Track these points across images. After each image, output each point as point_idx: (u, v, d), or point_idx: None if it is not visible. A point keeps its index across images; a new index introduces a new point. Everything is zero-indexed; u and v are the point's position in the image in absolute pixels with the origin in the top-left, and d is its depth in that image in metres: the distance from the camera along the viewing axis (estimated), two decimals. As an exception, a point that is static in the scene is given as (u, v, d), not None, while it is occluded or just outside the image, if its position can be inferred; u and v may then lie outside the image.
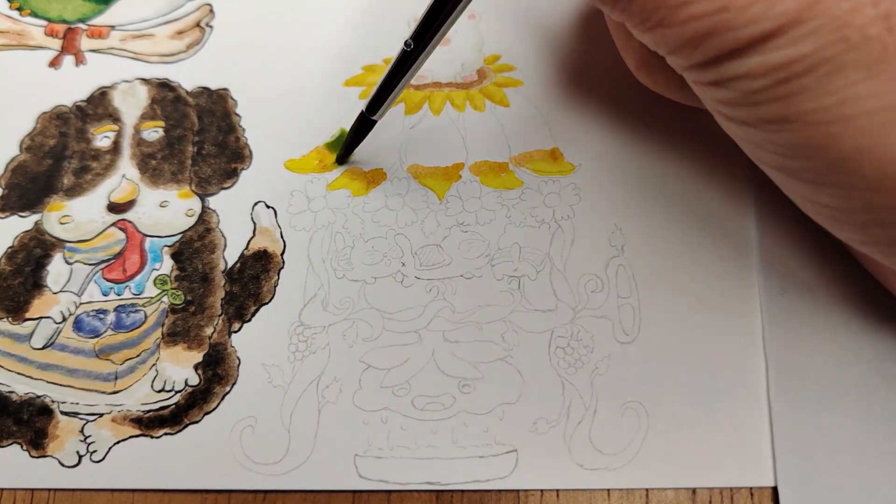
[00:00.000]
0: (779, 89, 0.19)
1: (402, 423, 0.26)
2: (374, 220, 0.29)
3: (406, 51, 0.25)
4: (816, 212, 0.22)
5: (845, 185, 0.19)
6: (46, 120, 0.32)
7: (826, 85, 0.18)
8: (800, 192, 0.22)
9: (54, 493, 0.26)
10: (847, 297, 0.26)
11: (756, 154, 0.22)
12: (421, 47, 0.25)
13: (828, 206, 0.21)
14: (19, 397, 0.27)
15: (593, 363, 0.26)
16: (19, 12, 0.34)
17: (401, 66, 0.26)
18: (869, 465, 0.24)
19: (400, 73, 0.26)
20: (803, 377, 0.25)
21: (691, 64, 0.20)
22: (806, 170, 0.20)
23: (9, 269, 0.29)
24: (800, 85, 0.18)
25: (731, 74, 0.20)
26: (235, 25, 0.33)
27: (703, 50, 0.20)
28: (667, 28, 0.20)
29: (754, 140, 0.21)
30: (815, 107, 0.18)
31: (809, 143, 0.19)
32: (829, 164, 0.19)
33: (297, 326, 0.27)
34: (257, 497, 0.25)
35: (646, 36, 0.21)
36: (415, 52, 0.25)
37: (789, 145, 0.20)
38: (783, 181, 0.22)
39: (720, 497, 0.25)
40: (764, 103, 0.19)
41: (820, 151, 0.19)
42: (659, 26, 0.20)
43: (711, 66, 0.20)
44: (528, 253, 0.28)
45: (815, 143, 0.19)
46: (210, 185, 0.30)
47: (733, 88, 0.20)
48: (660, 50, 0.21)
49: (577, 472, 0.25)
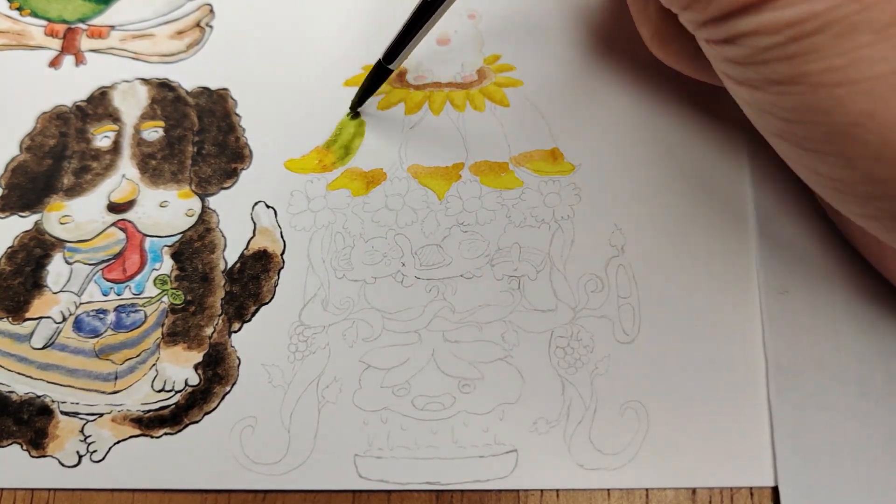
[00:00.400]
0: (789, 47, 0.19)
1: (402, 423, 0.26)
2: (374, 220, 0.29)
3: (426, 1, 0.25)
4: (818, 183, 0.22)
5: (847, 153, 0.19)
6: (46, 120, 0.32)
7: (836, 45, 0.18)
8: (802, 161, 0.21)
9: (54, 493, 0.26)
10: (847, 296, 0.26)
11: (762, 121, 0.22)
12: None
13: (829, 177, 0.21)
14: (19, 397, 0.27)
15: (593, 363, 0.26)
16: (19, 12, 0.34)
17: (420, 16, 0.25)
18: (869, 465, 0.24)
19: (419, 23, 0.25)
20: (803, 377, 0.25)
21: (704, 19, 0.20)
22: (809, 137, 0.20)
23: (9, 269, 0.29)
24: (810, 44, 0.18)
25: (743, 30, 0.19)
26: (235, 25, 0.33)
27: (717, 4, 0.20)
28: None
29: (760, 104, 0.21)
30: (822, 67, 0.18)
31: (814, 105, 0.19)
32: (832, 129, 0.19)
33: (297, 326, 0.27)
34: (257, 497, 0.25)
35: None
36: (434, 2, 0.25)
37: (794, 108, 0.20)
38: (787, 151, 0.22)
39: (720, 497, 0.25)
40: (773, 62, 0.19)
41: (824, 115, 0.19)
42: None
43: (724, 22, 0.20)
44: (528, 253, 0.28)
45: (820, 106, 0.19)
46: (210, 185, 0.30)
47: (744, 45, 0.20)
48: (673, 5, 0.21)
49: (577, 472, 0.25)
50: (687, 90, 0.30)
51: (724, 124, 0.29)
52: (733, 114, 0.29)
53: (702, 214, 0.28)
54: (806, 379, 0.25)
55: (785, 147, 0.22)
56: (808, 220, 0.27)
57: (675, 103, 0.30)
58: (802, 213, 0.27)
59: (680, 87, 0.30)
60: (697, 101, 0.30)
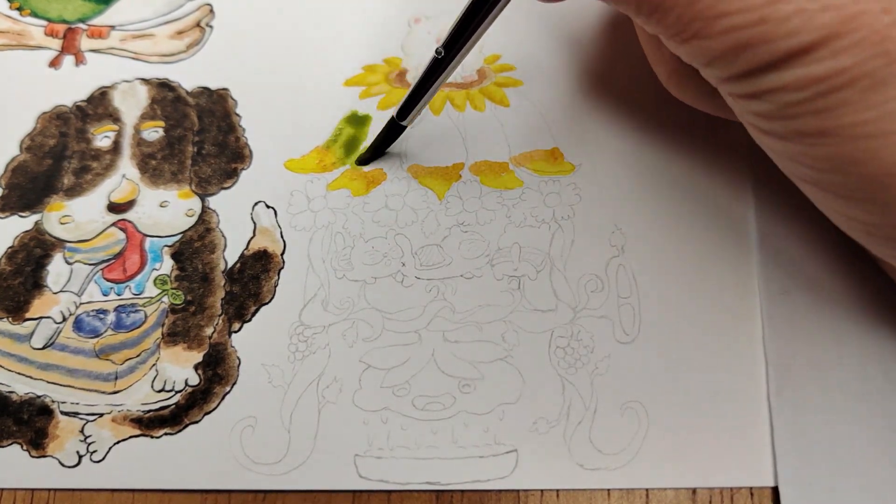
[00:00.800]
0: (817, 102, 0.19)
1: (402, 423, 0.26)
2: (374, 220, 0.29)
3: (437, 58, 0.25)
4: (850, 227, 0.22)
5: (881, 201, 0.19)
6: (46, 120, 0.32)
7: (866, 99, 0.18)
8: (834, 206, 0.21)
9: (54, 493, 0.26)
10: (847, 296, 0.26)
11: (790, 168, 0.22)
12: (452, 55, 0.25)
13: (862, 222, 0.21)
14: (19, 397, 0.27)
15: (593, 363, 0.26)
16: (19, 12, 0.34)
17: (431, 73, 0.26)
18: (869, 465, 0.24)
19: (430, 79, 0.26)
20: (803, 377, 0.25)
21: (728, 76, 0.20)
22: (841, 185, 0.20)
23: (9, 269, 0.29)
24: (839, 99, 0.18)
25: (769, 87, 0.19)
26: (235, 25, 0.33)
27: (741, 62, 0.19)
28: (703, 40, 0.20)
29: (789, 154, 0.21)
30: (853, 121, 0.18)
31: (847, 157, 0.19)
32: (865, 179, 0.19)
33: (297, 326, 0.27)
34: (257, 497, 0.25)
35: (681, 48, 0.21)
36: (445, 59, 0.25)
37: (826, 159, 0.19)
38: (817, 196, 0.22)
39: (720, 497, 0.25)
40: (801, 116, 0.19)
41: (857, 166, 0.19)
42: (695, 38, 0.20)
43: (748, 79, 0.20)
44: (528, 253, 0.28)
45: (853, 158, 0.19)
46: (210, 185, 0.30)
47: (770, 101, 0.20)
48: (695, 62, 0.21)
49: (577, 472, 0.25)
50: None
51: (724, 124, 0.29)
52: (733, 114, 0.29)
53: (702, 214, 0.28)
54: (806, 379, 0.25)
55: (815, 192, 0.22)
56: (807, 222, 0.27)
57: (676, 103, 0.30)
58: (802, 215, 0.27)
59: (680, 87, 0.30)
60: (697, 101, 0.30)
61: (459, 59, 0.25)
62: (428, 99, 0.27)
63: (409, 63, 0.32)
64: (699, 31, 0.20)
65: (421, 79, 0.26)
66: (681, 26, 0.20)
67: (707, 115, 0.30)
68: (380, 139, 0.29)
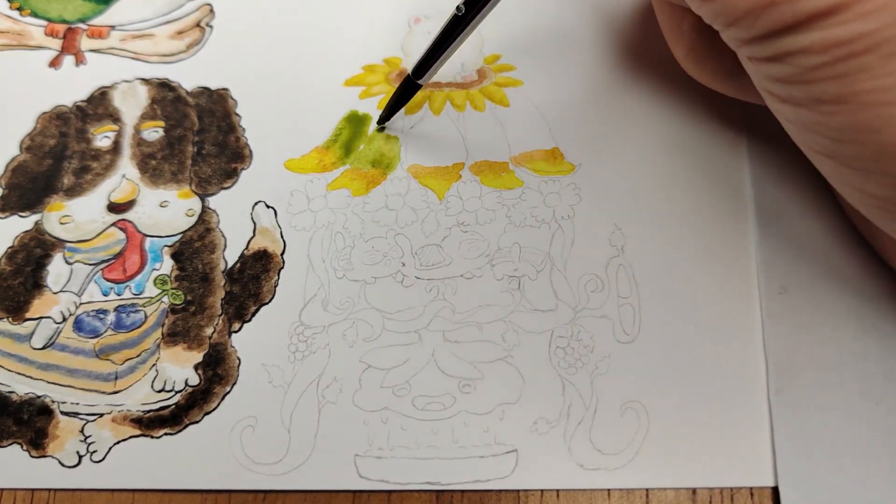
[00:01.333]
0: (837, 67, 0.18)
1: (402, 423, 0.26)
2: (374, 220, 0.29)
3: (457, 15, 0.25)
4: (863, 202, 0.21)
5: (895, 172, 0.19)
6: (46, 120, 0.32)
7: (886, 65, 0.18)
8: (848, 180, 0.21)
9: (54, 494, 0.26)
10: (847, 295, 0.26)
11: (805, 139, 0.21)
12: (473, 13, 0.24)
13: (875, 196, 0.20)
14: (19, 397, 0.27)
15: (593, 363, 0.26)
16: (19, 12, 0.34)
17: (451, 30, 0.25)
18: (870, 465, 0.24)
19: (449, 37, 0.25)
20: (803, 377, 0.25)
21: (750, 37, 0.20)
22: (856, 156, 0.20)
23: (9, 269, 0.29)
24: (859, 64, 0.18)
25: (790, 49, 0.19)
26: (235, 25, 0.33)
27: (764, 21, 0.19)
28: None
29: (806, 123, 0.21)
30: (872, 87, 0.18)
31: (863, 124, 0.19)
32: (880, 148, 0.19)
33: (297, 326, 0.27)
34: (257, 497, 0.25)
35: (705, 6, 0.21)
36: (465, 17, 0.24)
37: (842, 128, 0.19)
38: (831, 169, 0.22)
39: (720, 497, 0.25)
40: (820, 81, 0.19)
41: (872, 135, 0.19)
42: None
43: (770, 40, 0.19)
44: (528, 253, 0.28)
45: (870, 125, 0.19)
46: (210, 185, 0.30)
47: (791, 64, 0.19)
48: (717, 21, 0.21)
49: (578, 472, 0.25)
50: (687, 90, 0.30)
51: (724, 124, 0.29)
52: (734, 113, 0.29)
53: (702, 214, 0.28)
54: (806, 379, 0.25)
55: (829, 165, 0.21)
56: (808, 220, 0.27)
57: (676, 103, 0.30)
58: (802, 213, 0.27)
59: (680, 87, 0.30)
60: (698, 101, 0.30)
61: (479, 18, 0.24)
62: (445, 58, 0.26)
63: (409, 63, 0.32)
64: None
65: (439, 36, 0.25)
66: None
67: (706, 115, 0.30)
68: (395, 97, 0.29)
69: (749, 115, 0.29)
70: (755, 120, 0.29)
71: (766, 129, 0.29)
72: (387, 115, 0.30)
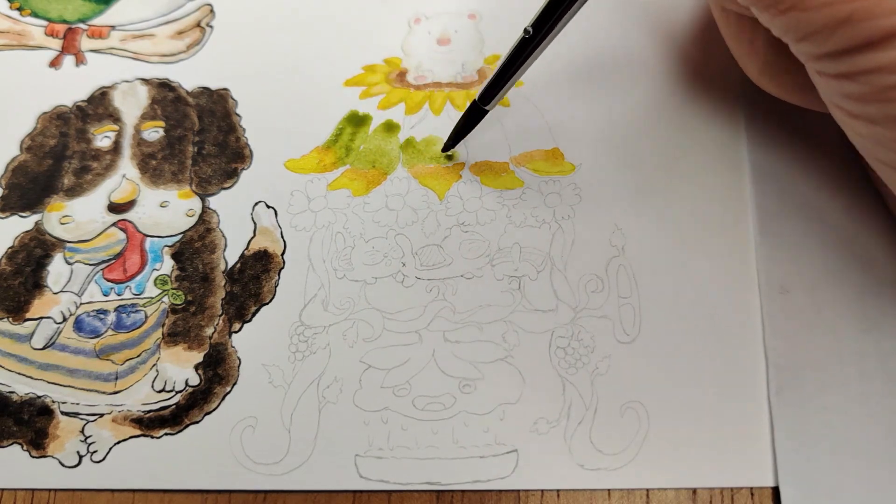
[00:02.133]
0: None
1: (402, 423, 0.26)
2: (374, 220, 0.29)
3: (525, 38, 0.24)
4: None
5: None
6: (47, 120, 0.32)
7: None
8: None
9: (55, 494, 0.26)
10: (847, 296, 0.26)
11: (877, 153, 0.21)
12: (541, 36, 0.24)
13: None
14: (20, 397, 0.27)
15: (593, 363, 0.26)
16: (19, 12, 0.34)
17: (518, 54, 0.25)
18: (870, 465, 0.24)
19: (516, 61, 0.25)
20: (803, 377, 0.25)
21: (822, 53, 0.19)
22: None
23: (9, 269, 0.29)
24: None
25: (865, 67, 0.18)
26: (235, 25, 0.33)
27: (838, 38, 0.18)
28: (802, 11, 0.19)
29: (879, 138, 0.20)
30: None
31: None
32: None
33: (297, 326, 0.27)
34: (257, 497, 0.25)
35: (776, 20, 0.20)
36: (533, 39, 0.24)
37: None
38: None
39: (720, 497, 0.25)
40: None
41: None
42: (793, 9, 0.19)
43: (844, 57, 0.19)
44: (528, 253, 0.28)
45: None
46: (210, 185, 0.30)
47: (865, 82, 0.19)
48: (788, 36, 0.20)
49: (578, 472, 0.25)
50: (687, 90, 0.30)
51: (724, 124, 0.29)
52: (734, 113, 0.29)
53: (702, 214, 0.28)
54: (806, 379, 0.25)
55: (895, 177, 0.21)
56: (808, 220, 0.27)
57: (676, 103, 0.30)
58: (802, 213, 0.27)
59: (680, 86, 0.30)
60: (697, 101, 0.30)
61: (549, 40, 0.24)
62: (513, 82, 0.26)
63: (409, 63, 0.32)
64: (798, 2, 0.19)
65: (507, 60, 0.25)
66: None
67: (706, 115, 0.30)
68: (461, 124, 0.28)
69: (749, 115, 0.29)
70: (755, 120, 0.29)
71: (766, 128, 0.29)
72: (452, 143, 0.29)
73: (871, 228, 0.27)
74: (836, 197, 0.27)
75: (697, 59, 0.31)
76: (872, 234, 0.27)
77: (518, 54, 0.25)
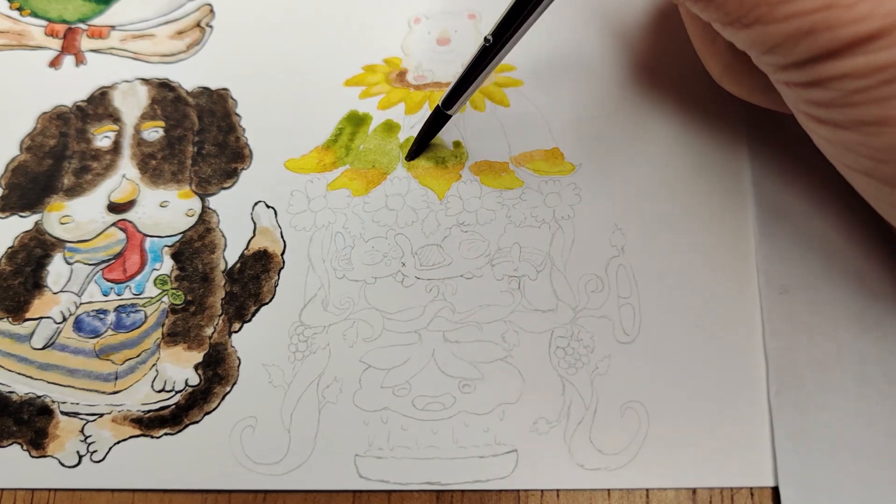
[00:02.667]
0: (881, 90, 0.18)
1: (402, 423, 0.26)
2: (374, 220, 0.29)
3: (485, 46, 0.25)
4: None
5: None
6: (47, 120, 0.32)
7: None
8: (887, 198, 0.21)
9: (54, 494, 0.26)
10: (847, 296, 0.26)
11: (844, 158, 0.21)
12: (501, 43, 0.25)
13: None
14: (19, 397, 0.27)
15: (593, 363, 0.26)
16: (19, 12, 0.34)
17: (479, 61, 0.25)
18: (869, 465, 0.24)
19: (478, 68, 0.26)
20: (803, 377, 0.25)
21: (787, 63, 0.20)
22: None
23: (9, 269, 0.29)
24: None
25: (830, 74, 0.19)
26: (235, 25, 0.33)
27: (802, 49, 0.19)
28: (766, 25, 0.19)
29: (846, 143, 0.20)
30: None
31: None
32: None
33: (297, 326, 0.27)
34: (257, 497, 0.25)
35: (740, 34, 0.20)
36: (494, 47, 0.25)
37: (885, 148, 0.19)
38: (870, 187, 0.21)
39: (720, 497, 0.25)
40: (863, 104, 0.19)
41: None
42: (757, 23, 0.19)
43: (809, 66, 0.19)
44: (528, 253, 0.28)
45: None
46: (210, 185, 0.30)
47: (831, 88, 0.19)
48: (752, 49, 0.21)
49: (578, 472, 0.25)
50: (687, 91, 0.30)
51: (724, 124, 0.29)
52: (734, 113, 0.29)
53: (702, 214, 0.28)
54: (806, 379, 0.25)
55: (867, 183, 0.21)
56: (808, 220, 0.27)
57: (676, 103, 0.30)
58: (802, 213, 0.27)
59: (680, 86, 0.30)
60: (698, 101, 0.30)
61: (508, 47, 0.25)
62: (475, 88, 0.26)
63: (408, 63, 0.32)
64: (762, 16, 0.19)
65: (468, 67, 0.26)
66: (743, 11, 0.19)
67: (706, 115, 0.30)
68: (424, 130, 0.29)
69: (749, 116, 0.29)
70: (755, 120, 0.29)
71: (766, 129, 0.29)
72: (417, 150, 0.29)
73: (871, 229, 0.27)
74: (836, 197, 0.27)
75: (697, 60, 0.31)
76: (872, 234, 0.27)
77: (479, 61, 0.25)
